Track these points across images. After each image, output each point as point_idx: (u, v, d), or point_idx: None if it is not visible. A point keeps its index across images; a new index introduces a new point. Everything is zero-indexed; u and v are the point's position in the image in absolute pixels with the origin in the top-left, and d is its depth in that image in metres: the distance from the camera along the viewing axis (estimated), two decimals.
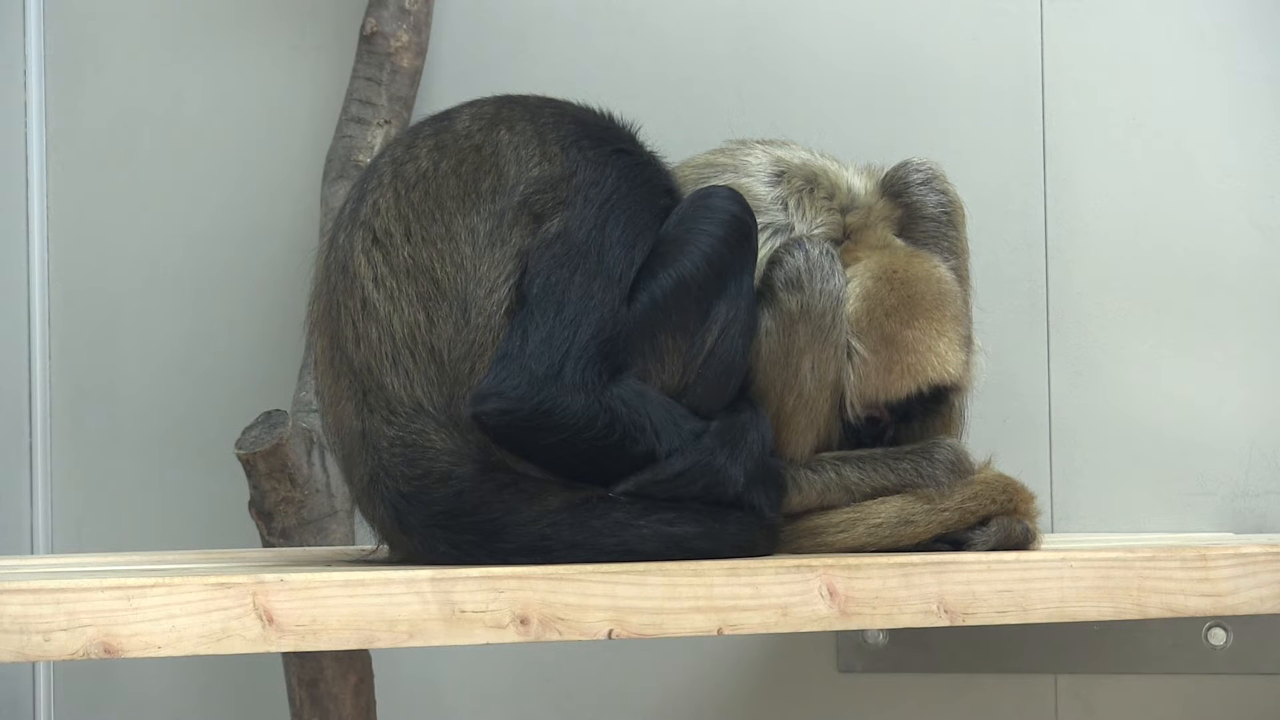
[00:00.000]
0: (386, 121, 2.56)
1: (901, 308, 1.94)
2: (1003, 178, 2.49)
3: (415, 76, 2.60)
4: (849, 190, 2.00)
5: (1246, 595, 1.86)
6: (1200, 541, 2.05)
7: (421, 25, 2.61)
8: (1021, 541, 1.90)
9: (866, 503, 1.91)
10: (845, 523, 1.90)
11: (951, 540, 1.90)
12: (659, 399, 1.81)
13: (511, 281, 1.79)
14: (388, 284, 1.81)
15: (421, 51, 2.61)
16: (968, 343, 2.00)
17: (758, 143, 2.05)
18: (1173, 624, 2.38)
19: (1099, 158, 2.49)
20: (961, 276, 2.02)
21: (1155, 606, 1.84)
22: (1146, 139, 2.47)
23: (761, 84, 2.57)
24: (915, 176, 2.03)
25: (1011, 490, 1.93)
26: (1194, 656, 2.39)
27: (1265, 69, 2.45)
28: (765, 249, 1.92)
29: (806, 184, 1.99)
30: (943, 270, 1.99)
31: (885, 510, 1.90)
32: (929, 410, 1.98)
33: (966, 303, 2.01)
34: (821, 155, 2.04)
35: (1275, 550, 1.88)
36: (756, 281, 1.90)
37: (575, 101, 1.95)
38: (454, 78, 2.64)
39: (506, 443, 1.77)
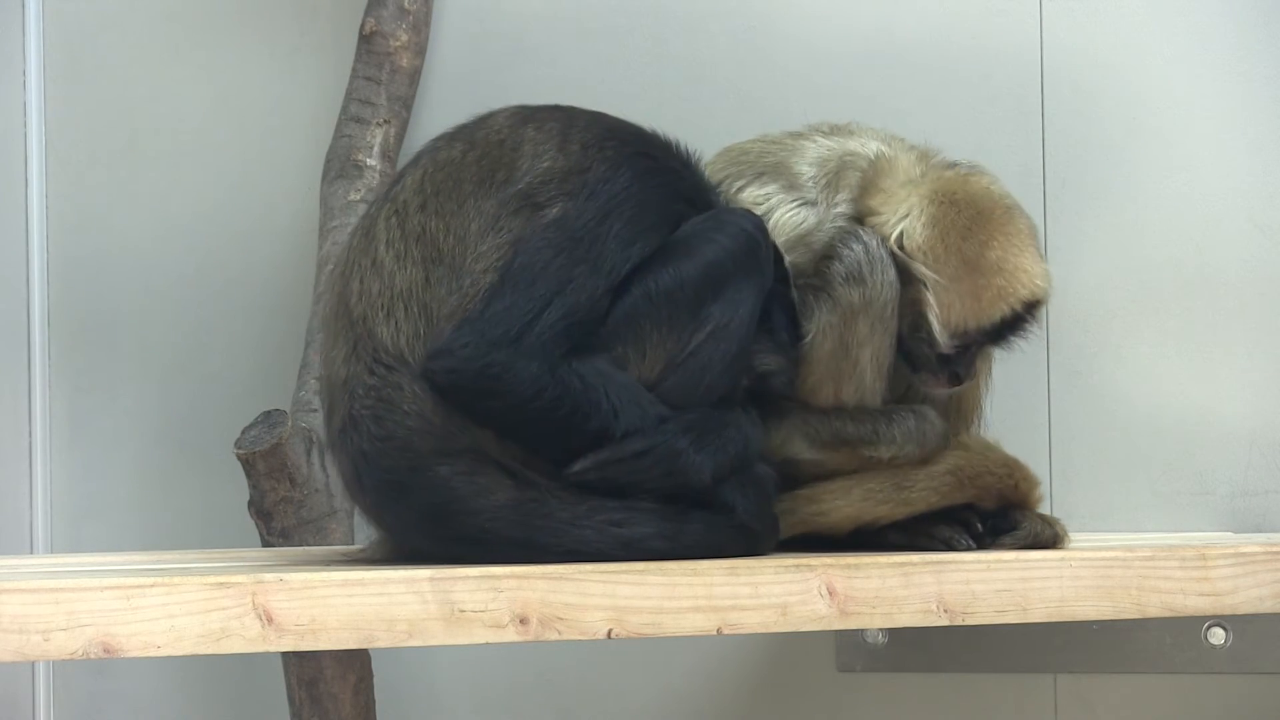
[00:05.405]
0: (386, 121, 2.56)
1: (975, 227, 1.88)
2: (1002, 178, 2.48)
3: (414, 76, 2.60)
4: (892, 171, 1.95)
5: (1246, 595, 1.86)
6: (1200, 541, 2.05)
7: (421, 25, 2.61)
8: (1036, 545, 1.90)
9: (861, 473, 1.91)
10: (840, 489, 1.90)
11: (943, 538, 1.90)
12: (627, 382, 1.80)
13: (504, 263, 1.81)
14: (397, 246, 1.84)
15: (421, 51, 2.61)
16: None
17: (818, 132, 2.02)
18: (1172, 623, 2.37)
19: (1099, 158, 2.48)
20: None
21: (1155, 606, 1.84)
22: (1146, 139, 2.47)
23: (760, 84, 2.57)
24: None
25: (1012, 465, 1.93)
26: (1193, 656, 2.39)
27: (1265, 69, 2.45)
28: (796, 216, 1.92)
29: (843, 167, 1.96)
30: (997, 183, 1.94)
31: (880, 475, 1.90)
32: (1020, 327, 1.93)
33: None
34: (893, 141, 2.00)
35: (1275, 550, 1.88)
36: (800, 275, 1.90)
37: (634, 123, 1.95)
38: (453, 77, 2.64)
39: (453, 402, 1.78)
